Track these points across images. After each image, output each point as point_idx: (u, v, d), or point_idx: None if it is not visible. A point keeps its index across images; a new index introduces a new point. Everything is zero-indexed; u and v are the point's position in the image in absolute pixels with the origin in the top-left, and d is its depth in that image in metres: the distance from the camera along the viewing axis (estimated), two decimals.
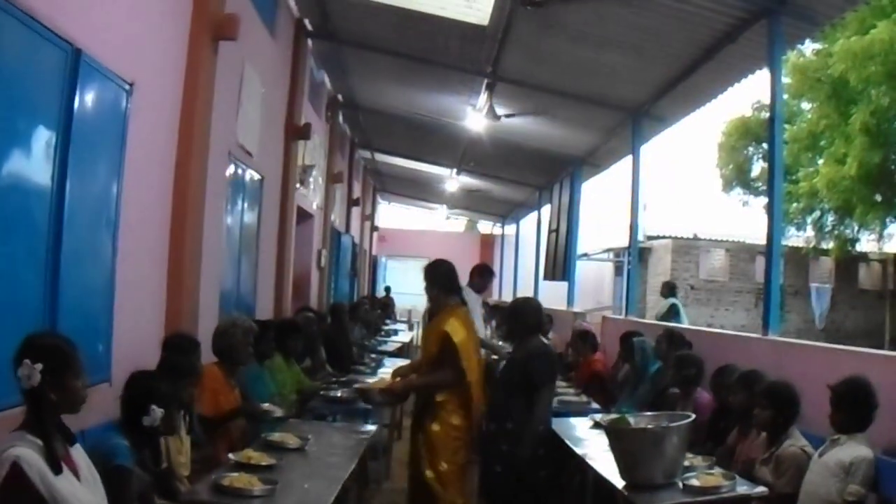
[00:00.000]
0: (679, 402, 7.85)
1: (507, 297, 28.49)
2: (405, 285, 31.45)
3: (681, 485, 5.27)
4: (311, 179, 15.00)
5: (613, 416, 6.68)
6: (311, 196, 15.42)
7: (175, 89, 7.43)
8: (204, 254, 7.96)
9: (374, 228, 32.81)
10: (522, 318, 7.45)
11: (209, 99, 7.88)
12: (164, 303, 7.36)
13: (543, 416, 7.07)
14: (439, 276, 7.63)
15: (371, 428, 7.59)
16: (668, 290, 16.58)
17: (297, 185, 13.22)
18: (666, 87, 11.66)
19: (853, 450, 5.20)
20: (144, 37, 6.69)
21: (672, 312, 15.62)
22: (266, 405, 6.81)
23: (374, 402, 8.03)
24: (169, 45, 7.27)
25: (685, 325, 13.64)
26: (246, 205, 10.27)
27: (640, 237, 28.96)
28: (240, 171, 9.88)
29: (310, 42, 13.85)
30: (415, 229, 41.21)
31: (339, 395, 8.68)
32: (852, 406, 5.34)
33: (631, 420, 5.84)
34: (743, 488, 5.32)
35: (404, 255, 38.70)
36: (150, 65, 6.81)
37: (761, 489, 5.39)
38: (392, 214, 41.52)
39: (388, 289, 30.28)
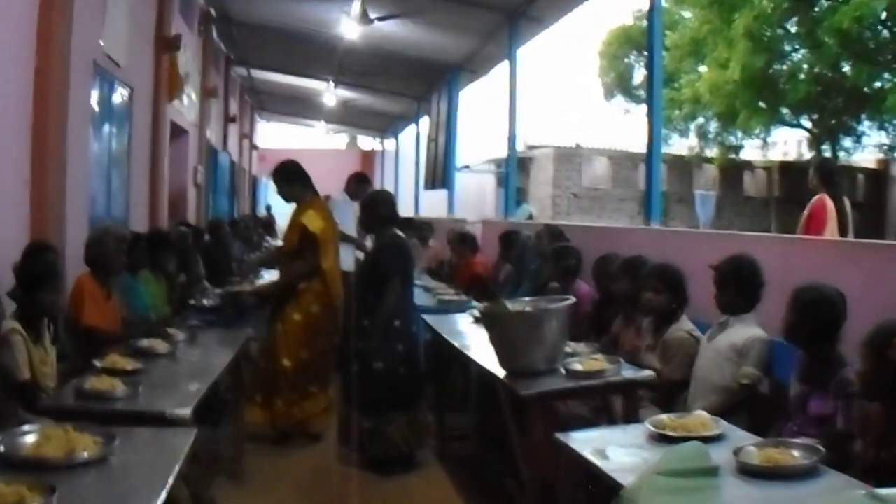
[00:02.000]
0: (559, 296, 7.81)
1: None
2: (287, 205, 31.03)
3: (563, 370, 5.12)
4: (184, 94, 14.54)
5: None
6: (185, 111, 15.00)
7: None
8: (69, 163, 7.62)
9: (253, 147, 32.16)
10: (373, 209, 7.42)
11: (67, 3, 7.44)
12: (27, 215, 7.03)
13: (397, 310, 7.00)
14: (291, 173, 7.99)
15: (247, 330, 7.35)
16: (518, 197, 16.50)
17: (169, 99, 12.77)
18: None
19: (744, 331, 5.09)
20: None
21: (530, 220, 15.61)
22: (170, 329, 6.52)
23: (244, 306, 7.91)
24: None
25: None
26: (115, 116, 9.89)
27: (522, 146, 29.36)
28: (106, 81, 9.46)
29: None
30: (295, 148, 40.67)
31: (209, 303, 8.40)
32: (737, 284, 5.19)
33: (508, 305, 5.66)
34: (628, 373, 5.19)
35: None
36: None
37: (647, 373, 5.27)
38: (272, 134, 40.96)
39: (268, 208, 29.59)
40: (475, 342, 6.35)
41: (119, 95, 10.10)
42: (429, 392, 7.63)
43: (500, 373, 5.32)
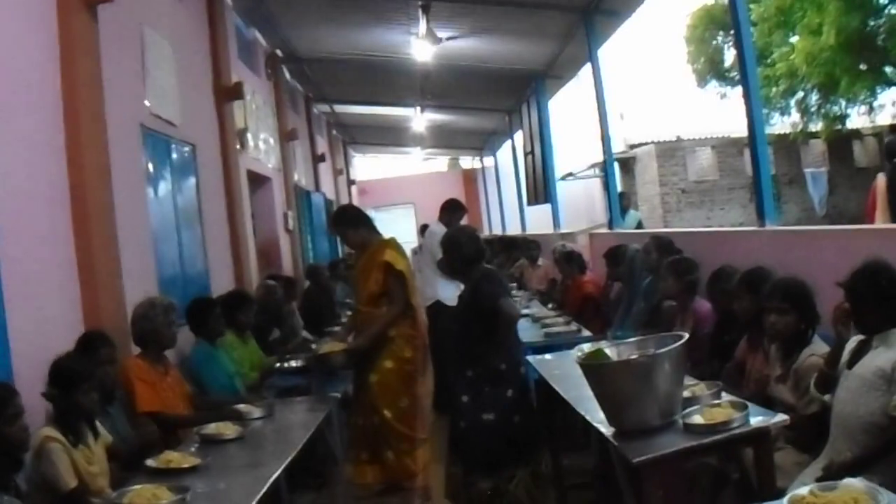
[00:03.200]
0: (677, 316, 6.94)
1: (497, 230, 27.84)
2: (397, 234, 30.63)
3: (681, 423, 4.26)
4: (259, 141, 14.16)
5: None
6: (263, 158, 14.57)
7: (49, 65, 6.47)
8: (123, 238, 7.07)
9: (350, 183, 31.76)
10: (456, 249, 6.72)
11: (94, 71, 6.89)
12: (77, 300, 6.46)
13: (501, 352, 6.42)
14: (355, 217, 7.69)
15: (335, 395, 6.97)
16: (622, 203, 15.61)
17: (239, 147, 12.27)
18: None
19: (892, 352, 4.11)
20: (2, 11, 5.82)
21: (639, 228, 14.70)
22: (242, 406, 6.05)
23: (335, 366, 7.53)
24: (33, 18, 6.31)
25: None
26: (176, 177, 9.34)
27: (622, 146, 28.50)
28: (161, 142, 8.93)
29: None
30: (396, 176, 40.43)
31: (294, 364, 8.03)
32: (876, 299, 4.15)
33: (609, 352, 4.69)
34: (758, 419, 4.23)
35: (390, 204, 38.07)
36: (11, 40, 5.90)
37: (781, 418, 4.28)
38: (371, 166, 40.73)
39: (390, 239, 29.23)
40: (586, 387, 5.33)
41: (179, 154, 9.59)
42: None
43: (609, 431, 4.48)
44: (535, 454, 6.45)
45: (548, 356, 7.25)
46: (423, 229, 19.45)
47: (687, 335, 4.51)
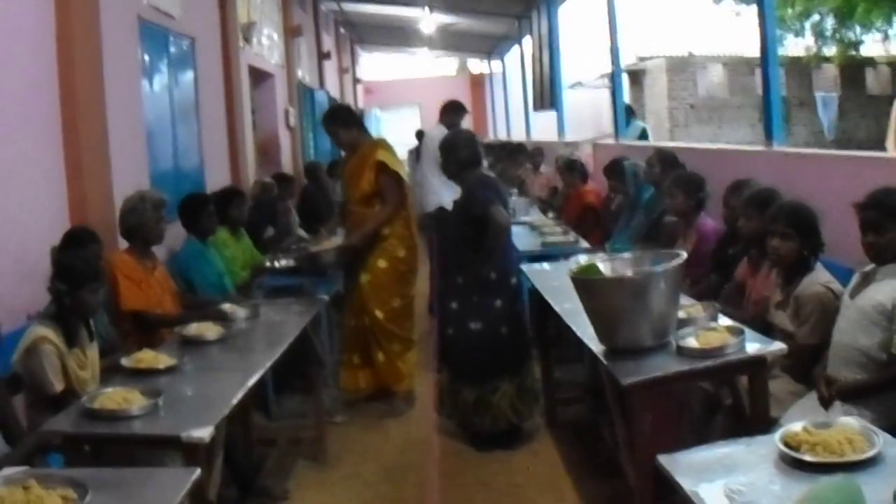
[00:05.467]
0: (680, 232, 6.75)
1: (502, 135, 27.59)
2: (400, 135, 30.34)
3: (675, 345, 4.09)
4: (262, 36, 13.87)
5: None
6: (266, 53, 14.31)
7: None
8: (115, 131, 6.88)
9: (356, 82, 31.35)
10: (453, 152, 6.57)
11: None
12: (63, 192, 6.36)
13: (491, 260, 6.28)
14: (348, 117, 7.52)
15: (323, 297, 6.73)
16: (628, 114, 15.32)
17: (242, 44, 11.99)
18: None
19: (893, 286, 3.95)
20: None
21: (643, 138, 14.43)
22: (227, 305, 5.84)
23: (327, 265, 7.37)
24: None
25: None
26: (174, 71, 9.12)
27: (633, 59, 28.11)
28: (158, 35, 8.69)
29: None
30: (402, 78, 39.99)
31: (286, 263, 7.86)
32: (892, 223, 3.97)
33: (603, 267, 4.52)
34: (755, 346, 4.07)
35: (395, 105, 37.77)
36: None
37: (778, 346, 4.11)
38: (378, 65, 40.26)
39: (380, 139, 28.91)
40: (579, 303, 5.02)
41: (177, 47, 9.35)
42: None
43: (600, 349, 4.32)
44: (521, 367, 6.36)
45: (544, 265, 7.13)
46: (419, 135, 19.24)
47: (685, 254, 4.34)
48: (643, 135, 14.12)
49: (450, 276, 6.48)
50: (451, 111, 10.07)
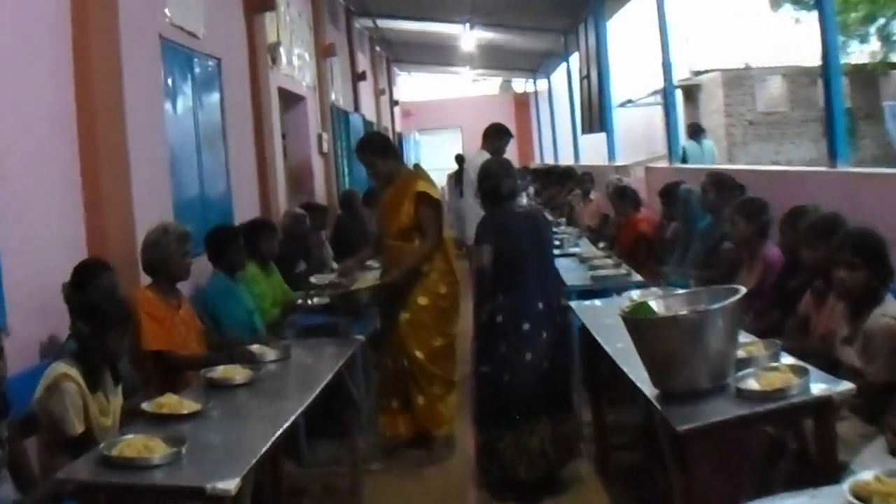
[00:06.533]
0: (744, 262, 6.63)
1: (549, 159, 27.56)
2: (440, 160, 30.35)
3: (734, 388, 4.01)
4: (293, 56, 14.00)
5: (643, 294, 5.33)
6: (297, 75, 14.41)
7: None
8: (136, 159, 6.96)
9: (393, 104, 31.47)
10: (482, 183, 6.71)
11: None
12: (81, 224, 6.42)
13: (497, 302, 6.26)
14: (382, 146, 7.45)
15: (359, 337, 6.72)
16: (690, 132, 15.21)
17: (271, 64, 12.09)
18: None
19: None
20: None
21: (683, 158, 14.36)
22: (256, 346, 5.83)
23: (363, 304, 7.46)
24: None
25: None
26: (199, 93, 9.21)
27: (686, 73, 28.04)
28: (182, 56, 8.78)
29: None
30: (443, 98, 40.10)
31: (319, 301, 7.89)
32: None
33: (656, 305, 4.46)
34: (820, 386, 3.97)
35: (435, 127, 37.86)
36: None
37: (846, 386, 3.99)
38: (416, 86, 40.40)
39: (416, 166, 28.84)
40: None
41: (202, 68, 9.45)
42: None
43: (653, 392, 4.25)
44: (559, 408, 6.29)
45: (595, 302, 7.06)
46: (459, 159, 19.27)
47: (744, 289, 4.26)
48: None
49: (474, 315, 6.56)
50: (495, 135, 10.04)
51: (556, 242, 9.58)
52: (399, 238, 7.20)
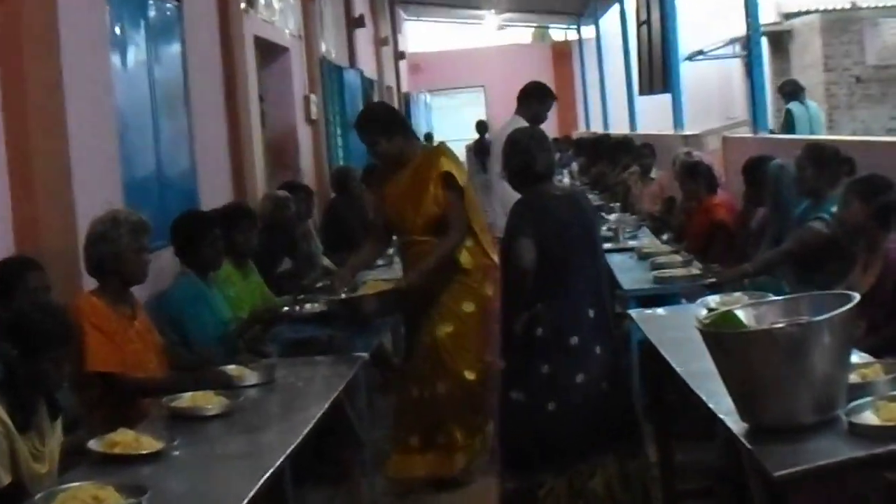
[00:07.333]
0: (859, 257, 6.60)
1: (597, 126, 27.61)
2: (457, 128, 30.45)
3: (846, 422, 3.99)
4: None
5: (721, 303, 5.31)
6: (278, 21, 14.46)
7: None
8: (74, 128, 6.96)
9: (398, 56, 31.48)
10: (508, 160, 6.61)
11: None
12: (7, 212, 6.51)
13: (539, 310, 6.15)
14: (387, 122, 7.43)
15: (362, 355, 6.71)
16: (788, 91, 15.21)
17: (243, 5, 12.14)
18: None
19: None
20: None
21: (788, 124, 14.37)
22: (232, 367, 5.91)
23: (369, 314, 7.41)
24: None
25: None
26: (155, 45, 9.27)
27: (773, 16, 28.02)
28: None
29: None
30: (461, 49, 40.13)
31: (311, 308, 7.85)
32: None
33: (744, 315, 4.38)
34: None
35: (452, 87, 37.92)
36: None
37: None
38: (427, 35, 40.47)
39: (428, 136, 28.78)
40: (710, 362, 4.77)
41: (158, 12, 9.50)
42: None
43: (741, 427, 4.25)
44: (623, 444, 6.27)
45: (659, 310, 7.09)
46: (480, 127, 19.28)
47: (858, 295, 4.25)
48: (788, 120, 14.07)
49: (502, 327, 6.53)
50: (535, 97, 10.07)
51: (608, 233, 9.60)
52: (427, 232, 7.21)
